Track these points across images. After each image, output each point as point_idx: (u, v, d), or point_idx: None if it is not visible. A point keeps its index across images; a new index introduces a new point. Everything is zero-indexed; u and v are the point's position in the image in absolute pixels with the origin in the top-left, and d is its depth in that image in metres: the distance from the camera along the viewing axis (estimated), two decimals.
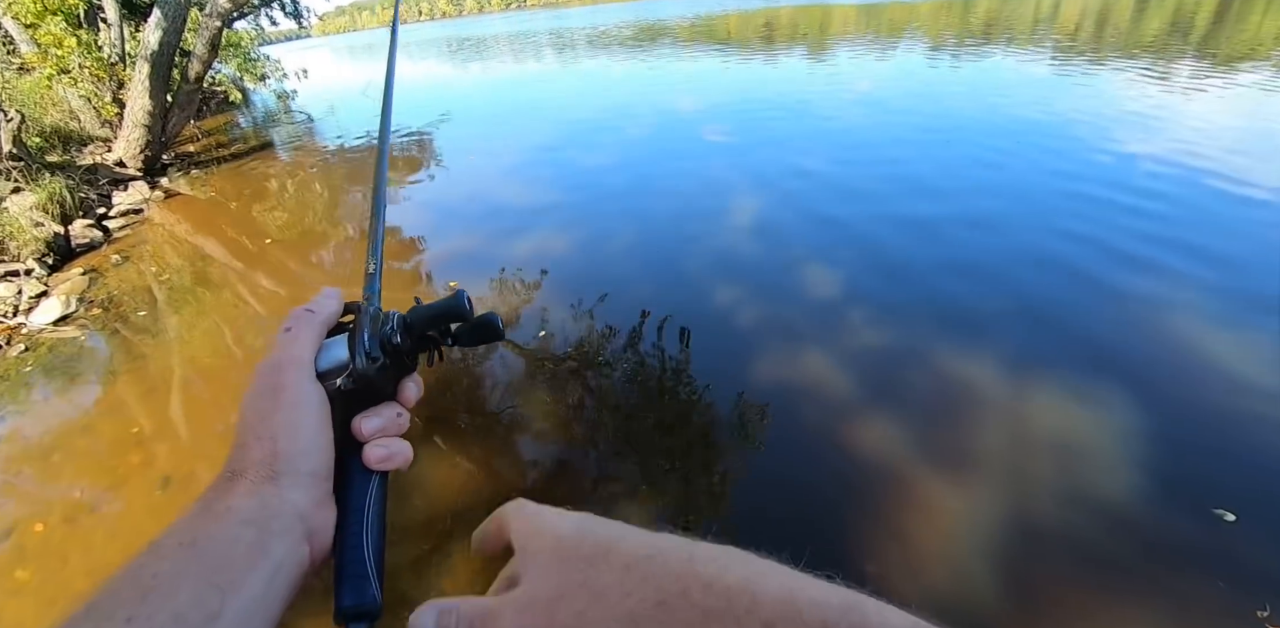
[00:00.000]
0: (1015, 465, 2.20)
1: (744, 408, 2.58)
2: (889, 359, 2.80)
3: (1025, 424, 2.38)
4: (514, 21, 51.87)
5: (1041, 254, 3.58)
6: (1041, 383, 2.56)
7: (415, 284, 4.17)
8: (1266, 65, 8.23)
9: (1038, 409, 2.45)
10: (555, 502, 0.35)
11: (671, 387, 2.78)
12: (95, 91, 8.14)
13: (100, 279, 4.58)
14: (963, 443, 2.32)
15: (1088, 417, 2.37)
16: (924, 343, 2.89)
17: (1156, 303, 3.04)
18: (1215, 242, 3.55)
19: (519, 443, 2.56)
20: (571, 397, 2.77)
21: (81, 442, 2.80)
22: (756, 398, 2.63)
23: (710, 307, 3.39)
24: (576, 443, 2.50)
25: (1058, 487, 2.09)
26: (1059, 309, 3.07)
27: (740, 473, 2.28)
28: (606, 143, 7.34)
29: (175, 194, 7.02)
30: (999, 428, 2.37)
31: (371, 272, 0.53)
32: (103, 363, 3.47)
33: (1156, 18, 15.41)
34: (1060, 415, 2.40)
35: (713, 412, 2.59)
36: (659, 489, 2.22)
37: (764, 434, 2.45)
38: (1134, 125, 5.89)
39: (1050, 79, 8.62)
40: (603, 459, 2.40)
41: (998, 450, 2.27)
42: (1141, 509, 1.99)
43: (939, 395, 2.57)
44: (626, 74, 13.45)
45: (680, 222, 4.61)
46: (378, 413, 0.42)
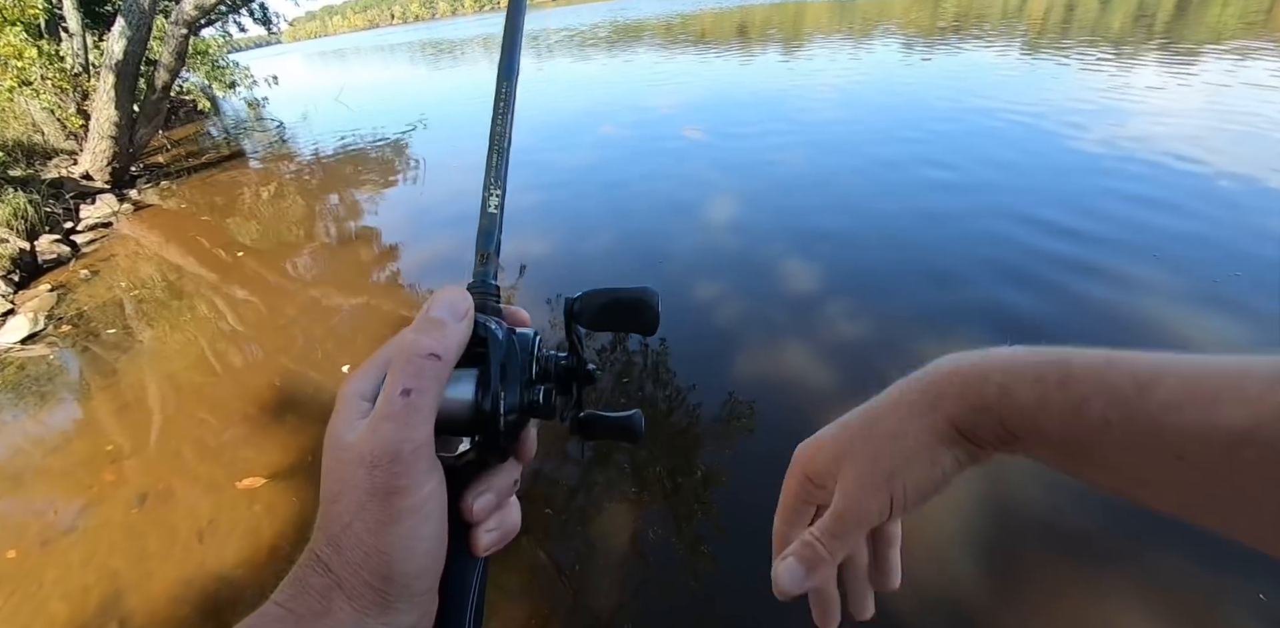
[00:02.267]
0: None
1: (731, 401, 2.59)
2: (867, 350, 2.83)
3: None
4: (488, 24, 51.61)
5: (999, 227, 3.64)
6: None
7: (396, 292, 4.13)
8: (1230, 52, 8.42)
9: None
10: (541, 504, 0.34)
11: (656, 382, 2.79)
12: (59, 103, 7.98)
13: (69, 295, 4.49)
14: None
15: None
16: (900, 334, 2.92)
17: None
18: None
19: None
20: None
21: (54, 461, 2.74)
22: (743, 391, 2.64)
23: (690, 298, 3.39)
24: (562, 441, 2.49)
25: (1037, 468, 2.12)
26: (1026, 294, 3.12)
27: (727, 467, 2.29)
28: (584, 143, 7.33)
29: (145, 206, 6.90)
30: None
31: (485, 255, 0.38)
32: (74, 381, 3.40)
33: (1121, 9, 15.69)
34: None
35: (698, 404, 2.60)
36: (648, 484, 2.21)
37: (751, 425, 2.46)
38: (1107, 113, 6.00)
39: (1025, 68, 8.75)
40: (590, 455, 2.39)
41: None
42: None
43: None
44: (603, 73, 13.44)
45: (659, 217, 4.62)
46: (492, 484, 0.33)
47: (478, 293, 0.36)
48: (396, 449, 0.28)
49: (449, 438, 0.31)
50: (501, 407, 0.31)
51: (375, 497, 0.28)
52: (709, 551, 1.95)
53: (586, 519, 2.13)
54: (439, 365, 0.30)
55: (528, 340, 0.35)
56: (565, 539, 2.05)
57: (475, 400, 0.31)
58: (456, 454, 0.31)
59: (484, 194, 0.40)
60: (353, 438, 0.29)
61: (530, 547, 2.02)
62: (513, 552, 2.01)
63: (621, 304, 0.36)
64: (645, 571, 1.92)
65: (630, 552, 1.99)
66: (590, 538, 2.05)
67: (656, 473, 2.29)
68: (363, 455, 0.28)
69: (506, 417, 0.31)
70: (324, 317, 3.84)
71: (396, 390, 0.29)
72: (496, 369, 0.32)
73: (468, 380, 0.31)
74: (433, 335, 0.31)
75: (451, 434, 0.31)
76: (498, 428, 0.31)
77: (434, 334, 0.31)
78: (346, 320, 3.82)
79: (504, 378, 0.32)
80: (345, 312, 3.92)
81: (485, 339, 0.33)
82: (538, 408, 0.33)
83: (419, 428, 0.29)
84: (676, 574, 1.89)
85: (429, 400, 0.29)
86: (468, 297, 0.33)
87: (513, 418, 0.32)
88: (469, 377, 0.31)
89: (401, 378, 0.29)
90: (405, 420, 0.28)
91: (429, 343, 0.30)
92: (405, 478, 0.28)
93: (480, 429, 0.31)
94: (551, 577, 1.92)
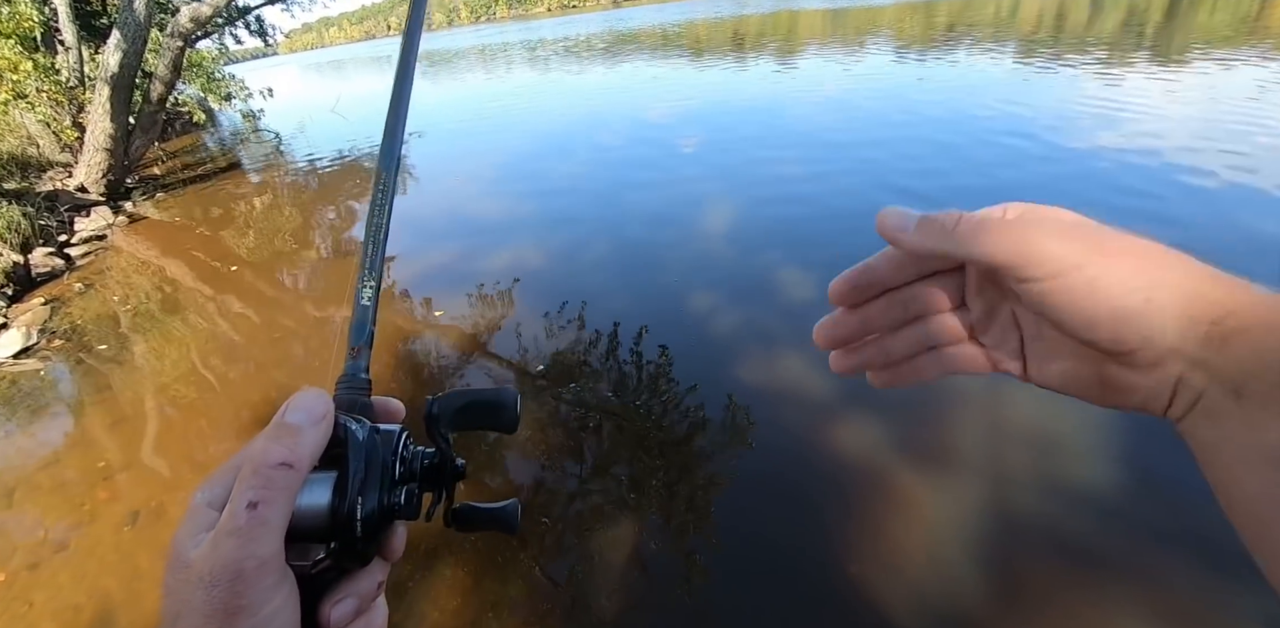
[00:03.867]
0: (994, 454, 2.22)
1: (730, 411, 2.58)
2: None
3: (1002, 414, 2.41)
4: (483, 35, 51.93)
5: None
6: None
7: (391, 304, 4.12)
8: (1216, 56, 8.50)
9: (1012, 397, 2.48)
10: (541, 511, 0.34)
11: (653, 393, 2.78)
12: (54, 116, 7.98)
13: (63, 309, 4.46)
14: (941, 439, 2.34)
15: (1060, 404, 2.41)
16: None
17: None
18: None
19: (504, 455, 2.53)
20: (553, 408, 2.74)
21: (45, 478, 2.71)
22: (740, 400, 2.64)
23: (687, 308, 3.39)
24: (560, 453, 2.48)
25: (1036, 473, 2.12)
26: None
27: (722, 477, 2.28)
28: (580, 153, 7.35)
29: (140, 218, 6.89)
30: (980, 423, 2.40)
31: (357, 348, 0.37)
32: (67, 395, 3.38)
33: (1112, 16, 15.85)
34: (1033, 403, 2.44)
35: (696, 416, 2.59)
36: (645, 494, 2.20)
37: (747, 437, 2.45)
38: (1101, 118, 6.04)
39: (1022, 75, 8.82)
40: (587, 466, 2.38)
41: (977, 444, 2.30)
42: (1124, 496, 2.02)
43: (916, 395, 2.59)
44: (599, 83, 13.50)
45: (655, 225, 4.62)
46: (353, 590, 0.31)
47: (346, 388, 0.35)
48: (239, 567, 0.26)
49: (304, 545, 0.29)
50: (359, 512, 0.30)
51: (214, 619, 0.26)
52: (703, 563, 1.95)
53: (582, 530, 2.12)
54: (290, 475, 0.28)
55: (392, 438, 0.33)
56: (561, 551, 2.05)
57: (331, 506, 0.30)
58: (311, 563, 0.30)
59: (357, 286, 0.38)
60: (194, 554, 0.27)
61: (526, 559, 2.02)
62: (509, 563, 2.01)
63: (480, 406, 0.36)
64: (641, 583, 1.91)
65: (626, 564, 1.98)
66: (587, 550, 2.05)
67: (654, 485, 2.29)
68: (202, 575, 0.26)
69: (365, 522, 0.30)
70: (318, 330, 3.83)
71: (242, 503, 0.27)
72: (355, 473, 0.30)
73: (324, 485, 0.30)
74: (285, 442, 0.29)
75: (307, 541, 0.30)
76: (354, 534, 0.30)
77: (287, 441, 0.29)
78: (341, 334, 3.80)
79: (364, 481, 0.30)
80: (340, 325, 3.91)
81: (345, 440, 0.31)
82: (399, 510, 0.32)
83: (265, 543, 0.27)
84: (671, 587, 1.89)
85: (278, 512, 0.28)
86: (325, 399, 0.32)
87: (372, 522, 0.30)
88: (325, 481, 0.30)
89: (248, 490, 0.28)
90: (250, 535, 0.27)
91: (280, 452, 0.29)
92: (248, 596, 0.26)
93: (337, 536, 0.30)
94: (547, 588, 1.92)
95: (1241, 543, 0.24)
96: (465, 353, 3.31)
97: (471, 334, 3.50)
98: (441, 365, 3.25)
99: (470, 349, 3.34)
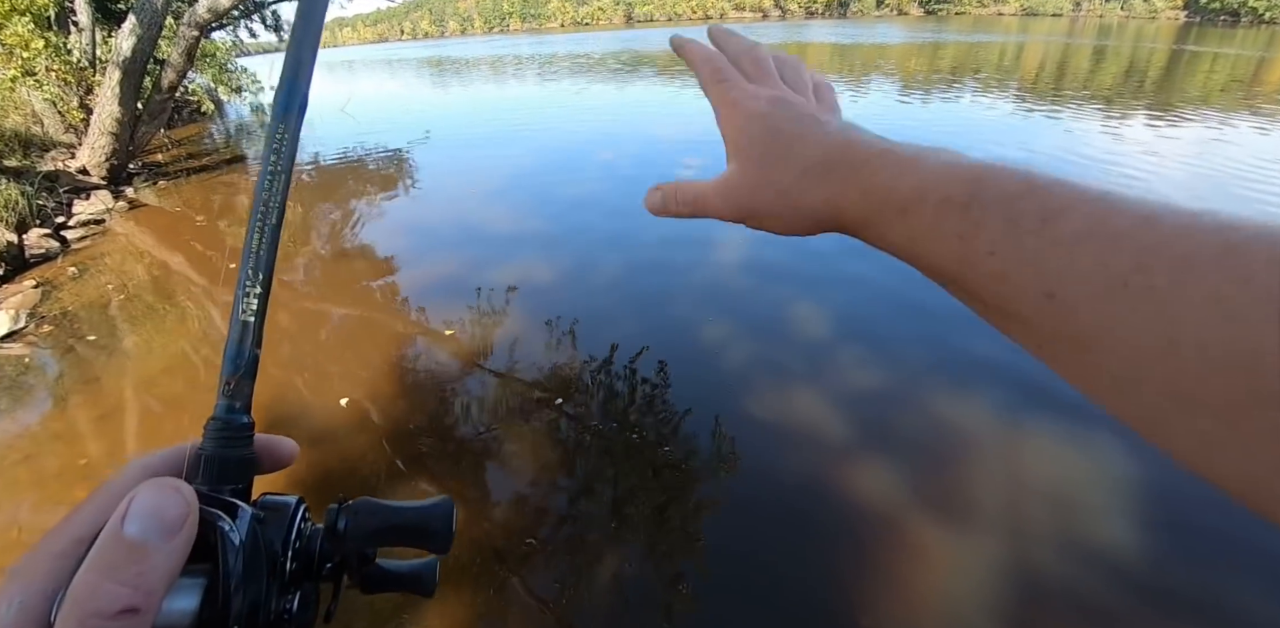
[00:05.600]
0: (1011, 505, 2.17)
1: (722, 445, 2.52)
2: (877, 388, 2.78)
3: (1019, 461, 2.36)
4: (495, 46, 52.43)
5: None
6: (1035, 413, 2.56)
7: (391, 305, 4.03)
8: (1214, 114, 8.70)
9: (1033, 448, 2.43)
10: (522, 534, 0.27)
11: (654, 425, 2.71)
12: (61, 96, 7.87)
13: (54, 293, 4.33)
14: (958, 485, 2.29)
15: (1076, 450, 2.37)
16: (911, 372, 2.88)
17: None
18: None
19: (492, 472, 2.44)
20: (551, 433, 2.67)
21: (22, 473, 2.58)
22: (740, 434, 2.58)
23: (693, 332, 3.34)
24: (553, 484, 2.39)
25: (1055, 527, 2.06)
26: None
27: (723, 514, 2.21)
28: (589, 170, 7.34)
29: (140, 205, 6.76)
30: (996, 471, 2.34)
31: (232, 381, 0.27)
32: (51, 385, 3.24)
33: (1113, 67, 16.24)
34: (1049, 449, 2.39)
35: (694, 449, 2.52)
36: (634, 533, 2.12)
37: (745, 469, 2.38)
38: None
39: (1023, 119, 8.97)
40: (577, 501, 2.29)
41: (993, 492, 2.24)
42: (1147, 555, 1.97)
43: (928, 436, 2.54)
44: (610, 100, 13.58)
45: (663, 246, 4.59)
46: None
47: (218, 440, 0.26)
48: None
49: None
50: None
51: None
52: (688, 591, 1.92)
53: (570, 551, 2.09)
54: (135, 622, 0.20)
55: (284, 519, 0.26)
56: (546, 571, 2.01)
57: (199, 621, 0.22)
58: None
59: (236, 293, 0.28)
60: None
61: (510, 577, 1.97)
62: (497, 588, 1.95)
63: (403, 528, 0.29)
64: (626, 605, 1.89)
65: (612, 585, 1.96)
66: (572, 570, 2.01)
67: (640, 510, 2.24)
68: None
69: None
70: (315, 328, 3.74)
71: None
72: (232, 577, 0.23)
73: (188, 596, 0.22)
74: (126, 575, 0.20)
75: None
76: None
77: (128, 573, 0.20)
78: (339, 333, 3.71)
79: (244, 588, 0.23)
80: (339, 324, 3.82)
81: (217, 544, 0.23)
82: (291, 619, 0.25)
83: None
84: (657, 612, 1.87)
85: None
86: (180, 497, 0.22)
87: None
88: (191, 590, 0.22)
89: None
90: None
91: (120, 594, 0.20)
92: None
93: None
94: (533, 608, 1.89)
95: None
96: (465, 365, 3.23)
97: (470, 346, 3.42)
98: (432, 379, 3.17)
99: (469, 362, 3.26)
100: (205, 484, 0.25)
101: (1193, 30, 41.37)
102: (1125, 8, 72.34)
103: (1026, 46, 25.36)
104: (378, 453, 2.57)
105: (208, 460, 0.26)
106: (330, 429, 2.73)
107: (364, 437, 2.68)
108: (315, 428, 2.73)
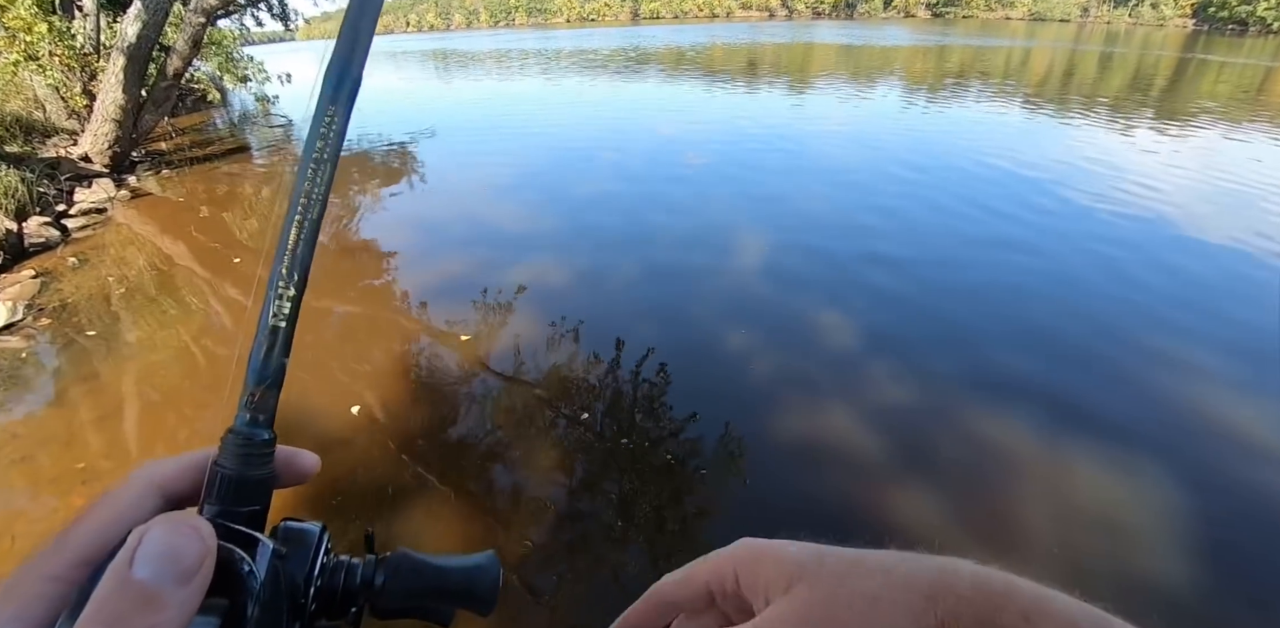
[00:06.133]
0: (1060, 535, 2.06)
1: (743, 459, 2.41)
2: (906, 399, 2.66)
3: (1065, 490, 2.25)
4: (501, 40, 52.19)
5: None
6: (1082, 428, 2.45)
7: (394, 300, 3.91)
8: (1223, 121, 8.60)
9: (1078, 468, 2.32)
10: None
11: (672, 440, 2.59)
12: (64, 81, 7.73)
13: (54, 284, 4.20)
14: (999, 512, 2.18)
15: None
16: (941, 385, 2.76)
17: None
18: None
19: (507, 477, 2.33)
20: (574, 446, 2.55)
21: (18, 475, 2.46)
22: (756, 448, 2.47)
23: (717, 342, 3.23)
24: (553, 473, 2.28)
25: (1108, 559, 1.95)
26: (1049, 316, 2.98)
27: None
28: (596, 169, 7.22)
29: (143, 194, 6.62)
30: (1041, 499, 2.23)
31: (257, 392, 0.25)
32: (50, 382, 3.12)
33: (1120, 75, 16.14)
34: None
35: (720, 465, 2.41)
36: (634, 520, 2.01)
37: (765, 488, 2.27)
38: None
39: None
40: (578, 487, 2.18)
41: (1039, 523, 2.13)
42: (1202, 592, 1.87)
43: (968, 459, 2.43)
44: (615, 97, 13.44)
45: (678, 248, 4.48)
46: None
47: (237, 457, 0.24)
48: None
49: None
50: None
51: None
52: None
53: (571, 551, 2.06)
54: None
55: (307, 551, 0.25)
56: (546, 568, 1.98)
57: None
58: None
59: (267, 294, 0.25)
60: None
61: (510, 577, 1.90)
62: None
63: (446, 590, 0.28)
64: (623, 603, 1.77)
65: (611, 585, 1.93)
66: (571, 569, 1.99)
67: (644, 509, 2.20)
68: None
69: None
70: (319, 322, 3.61)
71: None
72: (250, 620, 0.21)
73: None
74: (134, 625, 0.17)
75: None
76: None
77: (137, 624, 0.17)
78: (342, 328, 3.60)
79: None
80: (343, 319, 3.70)
81: (237, 580, 0.21)
82: None
83: None
84: None
85: None
86: (198, 537, 0.20)
87: None
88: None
89: None
90: None
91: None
92: None
93: None
94: (526, 602, 1.85)
95: None
96: (480, 371, 3.11)
97: (484, 350, 3.30)
98: (446, 385, 3.05)
99: (484, 367, 3.14)
100: (221, 505, 0.23)
101: (1200, 38, 41.23)
102: (1133, 14, 72.17)
103: (1034, 52, 25.24)
104: (389, 459, 2.45)
105: (226, 480, 0.23)
106: (342, 437, 2.61)
107: (375, 443, 2.56)
108: (327, 435, 2.62)
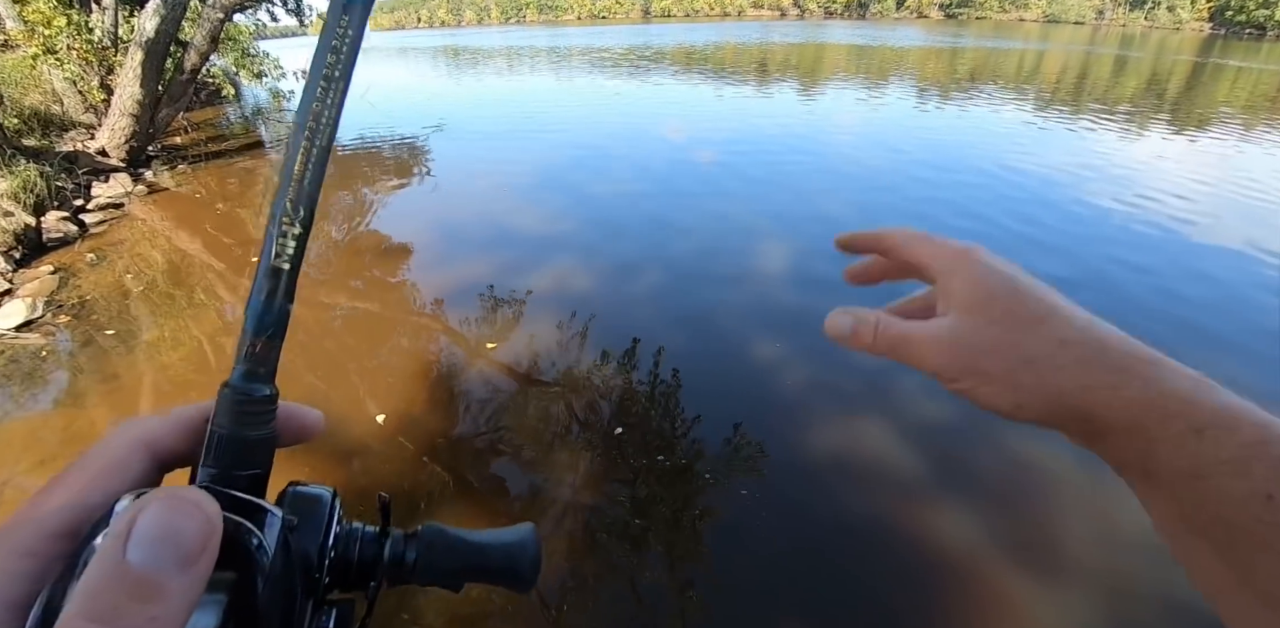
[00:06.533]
0: (1103, 553, 1.98)
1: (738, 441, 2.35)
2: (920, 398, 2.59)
3: (1108, 507, 2.17)
4: (512, 37, 52.15)
5: None
6: None
7: (412, 301, 3.85)
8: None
9: None
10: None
11: (703, 454, 2.53)
12: (82, 75, 7.73)
13: (72, 280, 4.17)
14: (1036, 528, 2.11)
15: None
16: None
17: None
18: None
19: (533, 486, 2.27)
20: (610, 462, 2.49)
21: (32, 481, 2.41)
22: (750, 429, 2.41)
23: (749, 352, 3.16)
24: (564, 473, 2.22)
25: (1152, 582, 1.88)
26: None
27: (763, 550, 2.03)
28: (615, 169, 7.16)
29: (160, 189, 6.60)
30: (1082, 517, 2.16)
31: (257, 343, 0.23)
32: (69, 381, 3.08)
33: (1135, 79, 15.95)
34: None
35: (702, 440, 2.35)
36: (650, 522, 1.95)
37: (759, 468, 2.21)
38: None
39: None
40: (578, 483, 2.12)
41: (1081, 540, 2.06)
42: None
43: (1007, 474, 2.35)
44: (625, 94, 13.37)
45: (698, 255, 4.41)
46: None
47: (235, 416, 0.21)
48: None
49: None
50: None
51: None
52: (699, 598, 1.87)
53: (578, 553, 2.02)
54: None
55: (320, 519, 0.23)
56: (552, 572, 1.93)
57: None
58: None
59: (269, 231, 0.23)
60: None
61: None
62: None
63: (485, 566, 0.26)
64: (634, 612, 1.84)
65: (622, 591, 1.91)
66: (580, 573, 1.95)
67: (660, 512, 2.18)
68: None
69: None
70: (332, 322, 3.57)
71: None
72: (261, 601, 0.19)
73: (205, 615, 0.18)
74: (133, 622, 0.15)
75: None
76: None
77: (136, 619, 0.15)
78: (360, 328, 3.55)
79: (272, 609, 0.19)
80: (360, 319, 3.65)
81: (244, 555, 0.19)
82: None
83: None
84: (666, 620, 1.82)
85: None
86: (202, 513, 0.17)
87: None
88: (209, 609, 0.18)
89: None
90: None
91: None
92: None
93: None
94: (534, 607, 1.82)
95: None
96: (471, 362, 3.05)
97: (510, 358, 3.24)
98: (471, 392, 2.99)
99: (476, 357, 3.08)
100: (219, 467, 0.21)
101: (1217, 43, 40.80)
102: (1149, 17, 71.47)
103: (1047, 55, 25.01)
104: (416, 467, 2.40)
105: (223, 440, 0.21)
106: (365, 445, 2.56)
107: (399, 450, 2.51)
108: (349, 443, 2.57)
